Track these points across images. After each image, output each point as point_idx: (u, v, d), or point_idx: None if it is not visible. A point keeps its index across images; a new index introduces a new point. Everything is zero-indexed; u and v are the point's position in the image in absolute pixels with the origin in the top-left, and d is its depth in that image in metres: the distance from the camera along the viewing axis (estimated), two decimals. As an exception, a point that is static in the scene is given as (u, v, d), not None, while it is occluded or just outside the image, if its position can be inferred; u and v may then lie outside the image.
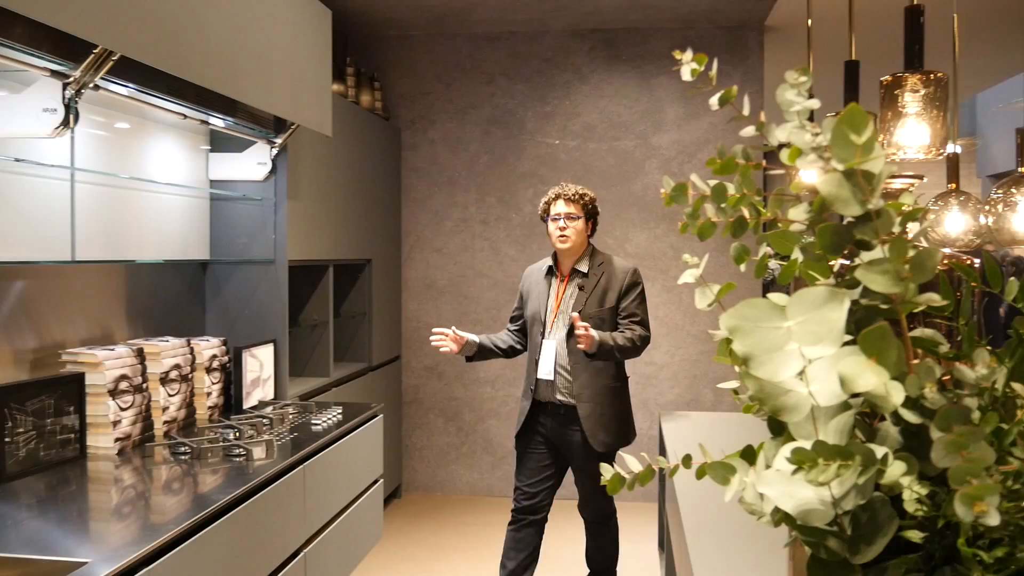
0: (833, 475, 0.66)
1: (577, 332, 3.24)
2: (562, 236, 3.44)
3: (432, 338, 3.48)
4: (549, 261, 3.57)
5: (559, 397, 3.44)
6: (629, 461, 0.93)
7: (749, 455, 0.82)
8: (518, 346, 3.67)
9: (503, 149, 5.55)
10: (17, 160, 2.36)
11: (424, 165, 5.63)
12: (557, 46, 5.50)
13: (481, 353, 3.60)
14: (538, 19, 5.26)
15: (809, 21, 3.38)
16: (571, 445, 3.47)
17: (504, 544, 3.59)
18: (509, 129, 5.55)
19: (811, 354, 0.66)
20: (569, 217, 3.44)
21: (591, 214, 3.51)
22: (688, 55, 0.82)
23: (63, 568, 1.73)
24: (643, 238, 5.42)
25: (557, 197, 3.49)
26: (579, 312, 3.37)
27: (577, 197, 3.47)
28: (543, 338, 3.48)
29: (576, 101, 5.49)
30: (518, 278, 5.51)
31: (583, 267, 3.48)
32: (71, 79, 2.16)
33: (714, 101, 0.81)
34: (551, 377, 3.43)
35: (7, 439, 2.30)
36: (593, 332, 3.26)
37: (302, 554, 2.69)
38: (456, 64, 5.59)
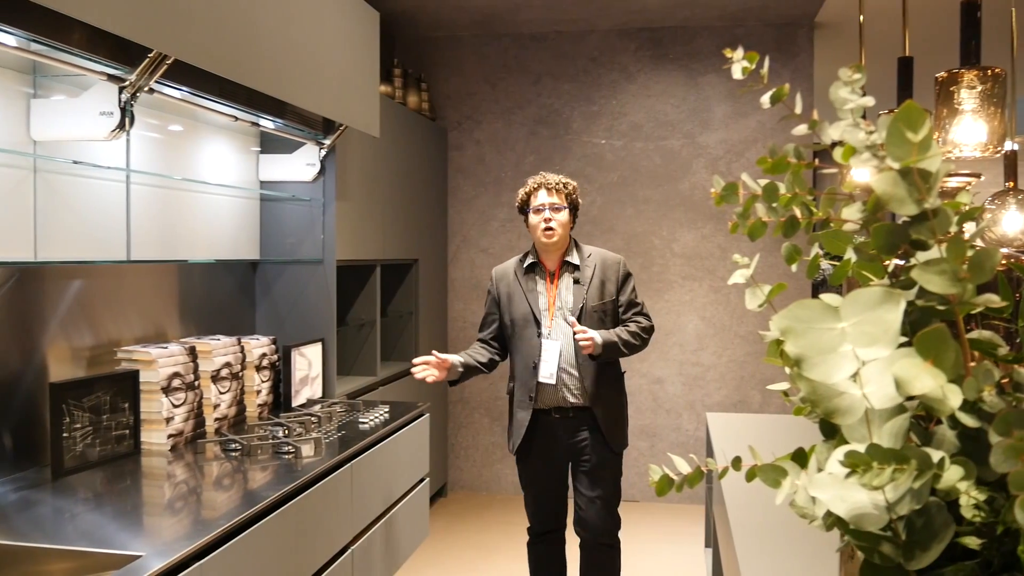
0: (888, 479, 0.65)
1: (577, 339, 3.04)
2: (548, 230, 3.17)
3: (414, 369, 3.13)
4: (529, 258, 3.29)
5: (570, 399, 3.19)
6: (678, 462, 0.92)
7: (800, 458, 0.81)
8: (497, 357, 3.35)
9: (549, 149, 5.54)
10: (75, 162, 2.42)
11: (470, 165, 5.65)
12: (604, 45, 5.48)
13: (465, 374, 3.25)
14: (584, 19, 5.25)
15: (861, 17, 3.32)
16: (583, 451, 3.22)
17: (529, 564, 3.45)
18: (555, 129, 5.54)
19: (866, 356, 0.65)
20: (553, 208, 3.19)
21: (574, 205, 3.27)
22: (739, 53, 0.81)
23: (118, 561, 1.76)
24: (690, 238, 5.38)
25: (538, 187, 3.22)
26: (583, 306, 3.18)
27: (560, 186, 3.22)
28: (542, 338, 3.20)
29: (623, 100, 5.46)
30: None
31: (574, 259, 3.25)
32: (127, 83, 2.21)
33: (765, 99, 0.81)
34: (553, 381, 3.16)
35: (65, 434, 2.36)
36: (593, 333, 3.06)
37: (349, 551, 2.71)
38: (502, 64, 5.60)
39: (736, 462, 0.86)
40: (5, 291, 2.32)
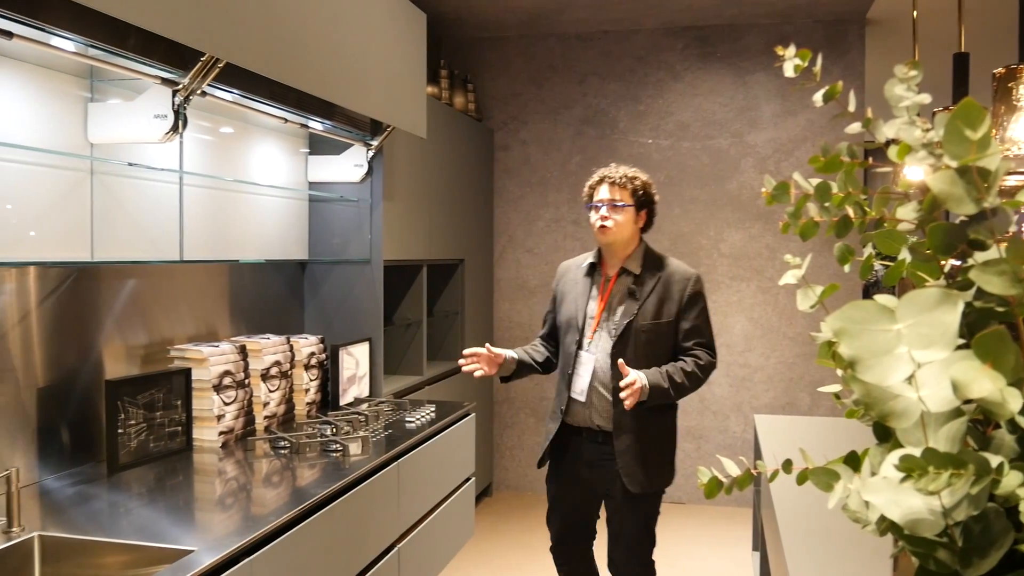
0: (944, 484, 0.64)
1: (623, 394, 2.65)
2: (603, 227, 2.84)
3: (462, 361, 2.91)
4: (591, 257, 2.99)
5: (597, 422, 2.85)
6: (727, 464, 0.91)
7: (853, 461, 0.80)
8: (554, 358, 3.10)
9: (595, 149, 5.53)
10: (130, 164, 2.47)
11: (516, 166, 5.66)
12: (650, 44, 5.45)
13: (519, 371, 3.02)
14: (631, 18, 5.22)
15: (915, 12, 3.26)
16: (604, 480, 2.90)
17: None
18: (601, 129, 5.52)
19: (922, 358, 0.64)
20: (613, 205, 2.84)
21: (643, 203, 2.89)
22: (791, 51, 0.80)
23: (171, 555, 1.80)
24: (738, 238, 5.33)
25: (601, 181, 2.90)
26: (629, 323, 2.80)
27: (625, 181, 2.86)
28: (579, 349, 2.89)
29: (669, 99, 5.43)
30: (610, 278, 5.50)
31: (634, 267, 2.88)
32: (180, 86, 2.25)
33: (818, 97, 0.79)
34: (583, 398, 2.85)
35: (120, 431, 2.41)
36: (641, 379, 2.68)
37: (396, 549, 2.73)
38: (548, 64, 5.59)
39: (787, 465, 0.85)
40: (63, 291, 2.37)
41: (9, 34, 1.83)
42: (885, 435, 0.76)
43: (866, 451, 0.78)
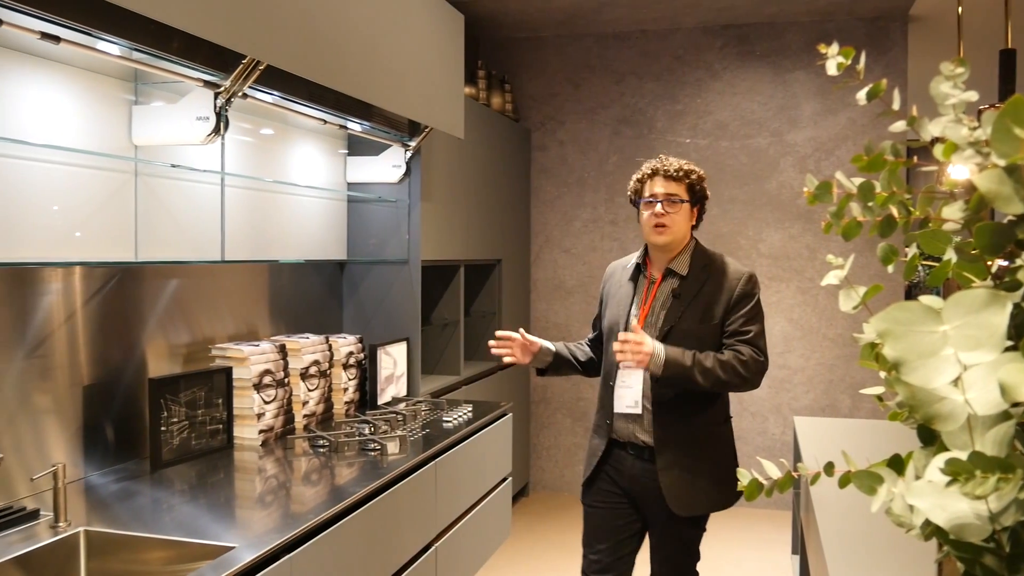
0: (991, 488, 0.63)
1: (615, 347, 2.44)
2: (659, 226, 2.56)
3: (492, 343, 2.72)
4: (636, 258, 2.73)
5: (641, 436, 2.59)
6: (767, 467, 0.91)
7: (897, 464, 0.79)
8: (598, 361, 2.85)
9: (632, 149, 5.50)
10: (173, 166, 2.51)
11: (553, 166, 5.65)
12: (688, 43, 5.41)
13: (556, 366, 2.77)
14: (669, 16, 5.19)
15: (960, 8, 3.20)
16: (648, 500, 2.62)
17: None
18: (639, 128, 5.50)
19: (968, 360, 0.63)
20: (670, 200, 2.57)
21: (699, 197, 2.64)
22: (834, 48, 0.79)
23: (212, 552, 1.82)
24: (777, 238, 5.28)
25: (654, 173, 2.61)
26: (672, 327, 2.54)
27: (682, 175, 2.59)
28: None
29: (708, 99, 5.39)
30: (647, 279, 5.47)
31: (680, 267, 2.61)
32: (222, 88, 2.28)
33: (862, 95, 0.78)
34: (638, 410, 2.57)
35: (162, 428, 2.45)
36: (649, 341, 2.43)
37: (433, 548, 2.74)
38: (585, 64, 5.58)
39: (829, 467, 0.84)
40: (108, 290, 2.42)
41: (57, 39, 1.87)
42: (930, 438, 0.75)
43: (910, 454, 0.77)
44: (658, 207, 2.57)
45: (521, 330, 2.73)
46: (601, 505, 2.72)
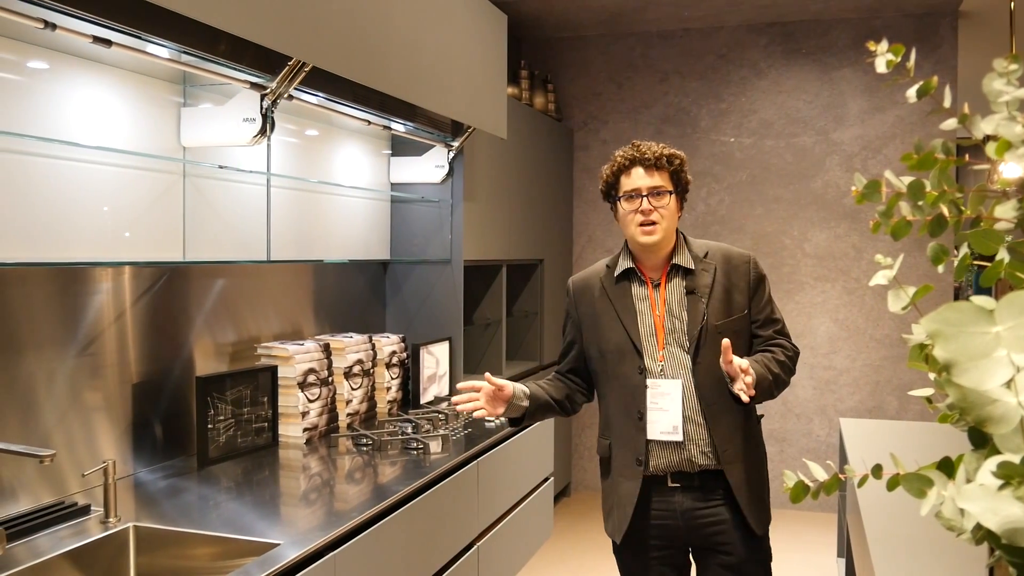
0: (1046, 493, 0.61)
1: (738, 387, 2.08)
2: (646, 224, 2.20)
3: (456, 399, 2.26)
4: (622, 262, 2.30)
5: (699, 461, 2.18)
6: (814, 469, 0.89)
7: (947, 467, 0.77)
8: (580, 395, 2.42)
9: (676, 148, 5.44)
10: (220, 167, 2.55)
11: (596, 165, 5.63)
12: (733, 41, 5.36)
13: (532, 411, 2.30)
14: (713, 15, 5.15)
15: (1012, 3, 3.13)
16: (719, 537, 2.21)
17: None
18: (682, 127, 5.46)
19: (1022, 362, 0.61)
20: (654, 192, 2.21)
21: (684, 186, 2.29)
22: (883, 46, 0.78)
23: (258, 548, 1.85)
24: (823, 238, 5.21)
25: (631, 163, 2.24)
26: (702, 327, 2.20)
27: (664, 161, 2.24)
28: (647, 376, 2.20)
29: (752, 97, 5.33)
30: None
31: (684, 261, 2.26)
32: (268, 90, 2.31)
33: (911, 93, 0.77)
34: (680, 436, 2.18)
35: (209, 426, 2.48)
36: (751, 367, 2.10)
37: (475, 547, 2.75)
38: (628, 63, 5.56)
39: (877, 470, 0.83)
40: (156, 290, 2.46)
41: (108, 43, 1.91)
42: (981, 441, 0.74)
43: (960, 457, 0.76)
44: (643, 203, 2.21)
45: (488, 374, 2.25)
46: (646, 555, 2.26)
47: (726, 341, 2.08)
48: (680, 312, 2.23)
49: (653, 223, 2.20)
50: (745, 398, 2.06)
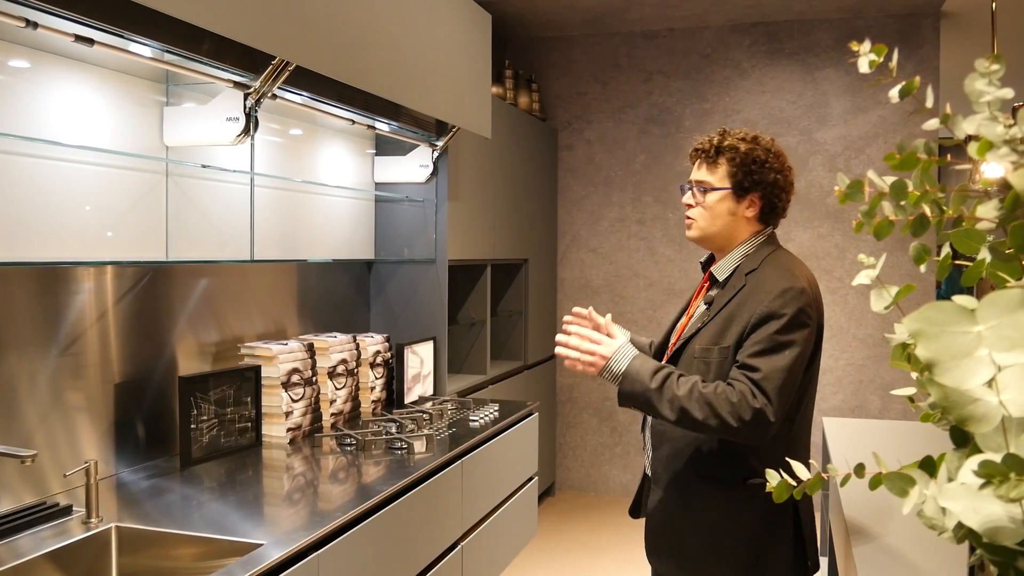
0: (1027, 491, 0.62)
1: (559, 339, 1.97)
2: (687, 218, 2.12)
3: (560, 338, 2.01)
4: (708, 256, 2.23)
5: (648, 471, 2.15)
6: (797, 468, 0.90)
7: (929, 466, 0.78)
8: None
9: (660, 148, 5.48)
10: (204, 166, 2.54)
11: (580, 165, 5.64)
12: (717, 41, 5.38)
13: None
14: (697, 15, 5.17)
15: (994, 4, 3.16)
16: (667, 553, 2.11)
17: None
18: (666, 127, 5.48)
19: (1003, 361, 0.62)
20: (700, 186, 2.08)
21: (753, 183, 2.04)
22: (866, 46, 0.78)
23: (241, 548, 1.84)
24: (806, 237, 5.23)
25: (694, 153, 2.13)
26: (684, 345, 2.03)
27: (713, 153, 2.06)
28: None
29: (736, 97, 5.35)
30: (675, 279, 5.46)
31: (720, 271, 2.08)
32: (251, 89, 2.30)
33: (894, 93, 0.78)
34: (643, 445, 2.15)
35: (192, 426, 2.47)
36: (610, 341, 1.95)
37: (459, 547, 2.75)
38: (613, 63, 5.57)
39: (859, 469, 0.83)
40: (139, 289, 2.44)
41: (91, 41, 1.89)
42: (963, 440, 0.74)
43: (942, 456, 0.76)
44: (687, 195, 2.11)
45: (591, 309, 2.09)
46: (646, 540, 2.21)
47: (591, 310, 2.03)
48: (697, 322, 2.06)
49: (689, 219, 2.10)
50: (564, 359, 1.95)
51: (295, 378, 2.83)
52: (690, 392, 1.84)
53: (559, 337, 1.99)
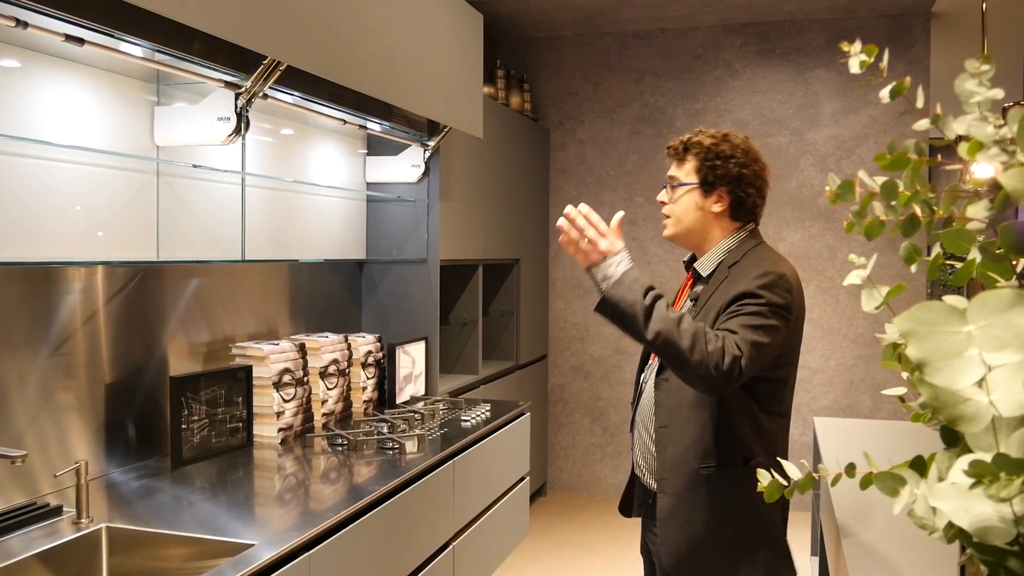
0: (1016, 491, 0.62)
1: (569, 208, 1.86)
2: (664, 217, 2.13)
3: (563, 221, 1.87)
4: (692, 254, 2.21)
5: (646, 479, 2.11)
6: (788, 467, 0.90)
7: (920, 466, 0.78)
8: None
9: (652, 148, 5.49)
10: (195, 166, 2.53)
11: (572, 165, 5.65)
12: (708, 42, 5.39)
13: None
14: (689, 15, 5.18)
15: (984, 5, 3.17)
16: (658, 559, 2.10)
17: None
18: (658, 127, 5.48)
19: (993, 361, 0.62)
20: (670, 182, 2.09)
21: (718, 178, 2.03)
22: (856, 46, 0.79)
23: (232, 549, 1.83)
24: (797, 237, 5.25)
25: (665, 153, 2.15)
26: None
27: (682, 149, 2.08)
28: (642, 372, 2.20)
29: (727, 97, 5.36)
30: (666, 279, 5.46)
31: (703, 267, 2.08)
32: (243, 89, 2.30)
33: (885, 93, 0.78)
34: (632, 445, 2.18)
35: (183, 426, 2.46)
36: (615, 240, 1.86)
37: (451, 547, 2.75)
38: (604, 63, 5.57)
39: (850, 468, 0.83)
40: (129, 289, 2.43)
41: (81, 41, 1.89)
42: (954, 440, 0.74)
43: (933, 456, 0.77)
44: (660, 193, 2.12)
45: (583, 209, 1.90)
46: (642, 545, 2.23)
47: (622, 214, 1.92)
48: None
49: (666, 215, 2.10)
50: (561, 231, 1.86)
51: (286, 378, 2.83)
52: (679, 321, 1.78)
53: (568, 208, 1.87)
